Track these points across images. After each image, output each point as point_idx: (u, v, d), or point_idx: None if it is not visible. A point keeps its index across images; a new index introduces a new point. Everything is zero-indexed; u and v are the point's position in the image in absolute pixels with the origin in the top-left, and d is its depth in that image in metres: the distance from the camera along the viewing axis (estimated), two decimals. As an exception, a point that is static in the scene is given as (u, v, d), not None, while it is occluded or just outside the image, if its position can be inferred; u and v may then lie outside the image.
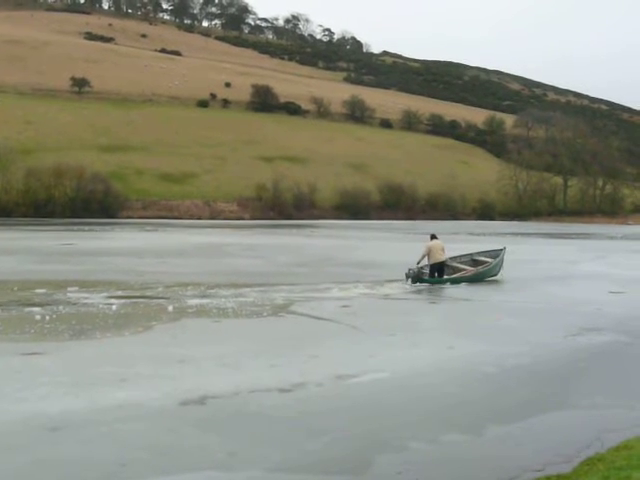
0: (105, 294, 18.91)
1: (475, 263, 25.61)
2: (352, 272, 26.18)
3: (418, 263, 23.54)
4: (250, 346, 13.02)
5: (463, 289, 22.40)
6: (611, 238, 59.72)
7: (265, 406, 9.35)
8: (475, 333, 14.91)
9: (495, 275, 25.08)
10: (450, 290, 22.25)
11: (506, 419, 9.18)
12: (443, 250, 23.87)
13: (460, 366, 11.85)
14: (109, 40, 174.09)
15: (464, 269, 24.84)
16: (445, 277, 23.92)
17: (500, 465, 7.66)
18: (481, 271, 24.51)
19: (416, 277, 23.00)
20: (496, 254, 25.84)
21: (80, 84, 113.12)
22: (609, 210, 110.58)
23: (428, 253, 23.60)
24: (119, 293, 19.24)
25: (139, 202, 78.76)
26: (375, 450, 7.93)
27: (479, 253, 26.81)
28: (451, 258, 25.20)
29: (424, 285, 22.82)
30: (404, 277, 23.10)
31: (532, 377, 11.41)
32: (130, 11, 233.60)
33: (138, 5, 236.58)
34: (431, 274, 23.67)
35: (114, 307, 16.84)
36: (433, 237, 24.24)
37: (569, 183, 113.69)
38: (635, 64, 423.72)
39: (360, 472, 7.40)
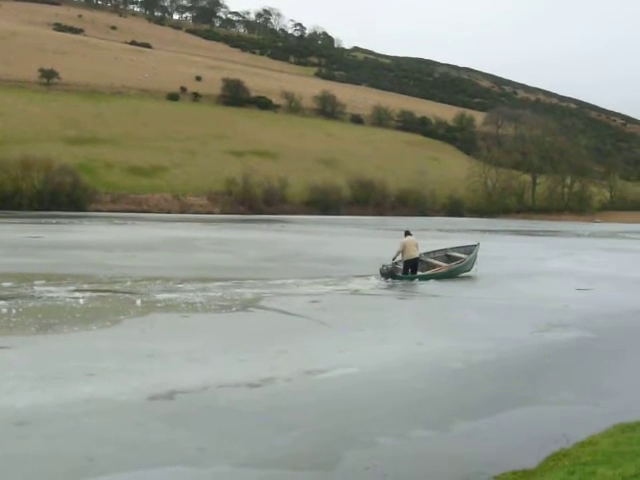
0: (72, 288, 18.76)
1: (449, 259, 25.71)
2: (322, 267, 26.23)
3: (393, 259, 23.66)
4: (219, 341, 13.01)
5: (432, 285, 22.48)
6: (578, 236, 60.27)
7: (234, 401, 9.35)
8: (443, 329, 15.01)
9: (468, 271, 25.24)
10: (419, 286, 22.34)
11: (474, 415, 9.26)
12: (417, 246, 23.88)
13: (428, 362, 11.92)
14: (78, 31, 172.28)
15: (438, 265, 24.88)
16: (419, 274, 23.92)
17: (468, 460, 7.72)
18: (454, 267, 24.63)
19: (390, 273, 23.12)
20: (470, 250, 25.99)
21: (49, 75, 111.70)
22: (577, 208, 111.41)
23: (402, 250, 23.59)
24: (87, 287, 19.12)
25: (108, 195, 78.02)
26: (344, 445, 7.96)
27: (453, 249, 26.87)
28: (425, 253, 25.25)
29: (396, 281, 22.90)
30: (378, 273, 23.20)
31: (499, 373, 11.52)
32: (100, 2, 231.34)
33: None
34: (405, 270, 23.61)
35: (81, 301, 16.72)
36: (407, 234, 24.27)
37: (538, 181, 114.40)
38: (603, 64, 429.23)
39: (329, 467, 7.43)
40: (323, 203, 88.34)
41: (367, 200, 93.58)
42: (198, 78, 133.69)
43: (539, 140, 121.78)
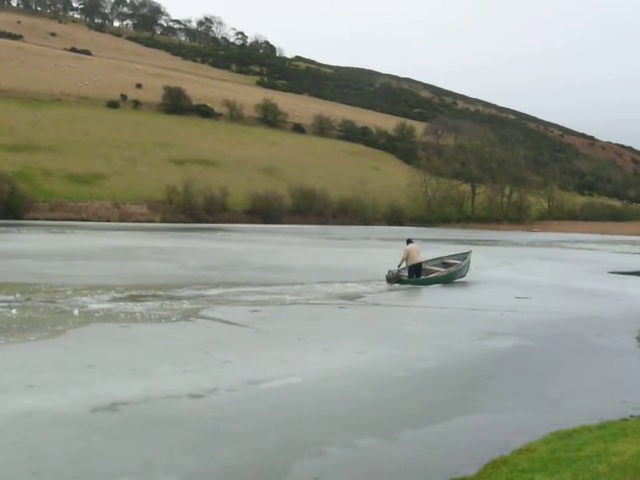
0: (10, 297, 18.41)
1: (445, 265, 27.46)
2: (263, 276, 26.17)
3: (399, 266, 25.24)
4: (160, 351, 12.88)
5: (373, 295, 22.61)
6: (517, 245, 61.13)
7: (178, 412, 9.27)
8: (384, 338, 15.08)
9: (464, 276, 26.96)
10: (361, 296, 22.39)
11: (418, 423, 9.33)
12: (419, 253, 25.72)
13: (371, 370, 11.98)
14: (17, 38, 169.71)
15: (437, 271, 26.59)
16: (422, 277, 25.57)
17: (415, 468, 7.79)
18: (453, 271, 26.47)
19: (396, 279, 24.75)
20: (464, 257, 27.94)
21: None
22: (515, 217, 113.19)
23: (407, 256, 25.30)
24: (24, 296, 18.76)
25: (46, 203, 76.63)
26: (291, 455, 7.95)
27: (448, 257, 28.94)
28: (424, 262, 26.58)
29: (403, 285, 24.34)
30: (385, 279, 24.81)
31: (441, 381, 11.63)
32: (39, 9, 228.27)
33: (48, 3, 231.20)
34: (410, 275, 25.28)
35: (17, 311, 16.40)
36: (409, 241, 26.07)
37: (477, 190, 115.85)
38: (542, 71, 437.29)
39: (277, 478, 7.41)
40: (265, 212, 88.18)
41: (309, 209, 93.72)
42: (139, 86, 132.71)
43: (478, 150, 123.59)
